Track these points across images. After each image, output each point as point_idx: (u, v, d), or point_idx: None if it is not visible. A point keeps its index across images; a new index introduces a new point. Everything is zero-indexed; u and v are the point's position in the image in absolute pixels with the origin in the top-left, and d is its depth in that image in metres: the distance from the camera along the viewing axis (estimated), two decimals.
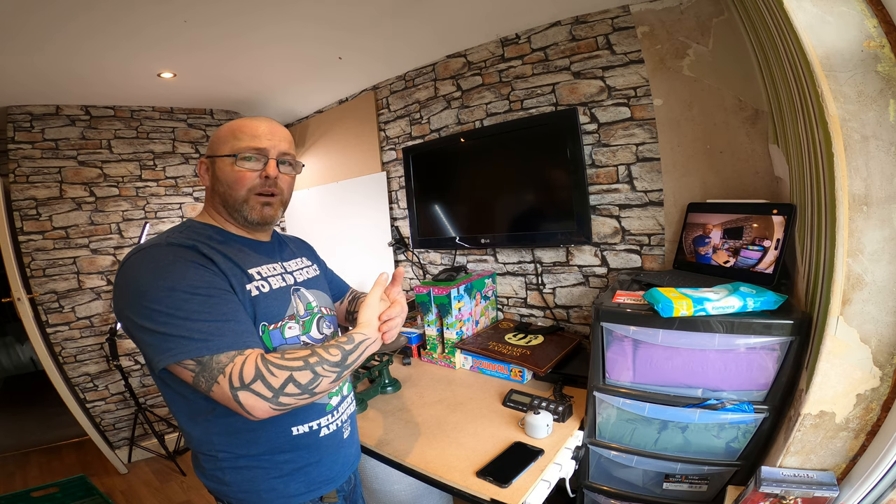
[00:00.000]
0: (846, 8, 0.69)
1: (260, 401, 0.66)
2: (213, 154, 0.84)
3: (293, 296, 0.87)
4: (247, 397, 0.66)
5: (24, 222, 2.26)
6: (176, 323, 0.66)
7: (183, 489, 2.29)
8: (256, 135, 0.82)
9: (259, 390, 0.66)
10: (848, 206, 0.71)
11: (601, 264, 1.66)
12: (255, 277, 0.81)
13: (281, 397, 0.67)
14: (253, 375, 0.66)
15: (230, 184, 0.81)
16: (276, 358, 0.69)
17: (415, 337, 1.82)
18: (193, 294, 0.68)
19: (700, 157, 1.40)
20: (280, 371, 0.67)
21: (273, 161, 0.83)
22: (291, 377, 0.67)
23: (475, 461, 1.07)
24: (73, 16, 1.43)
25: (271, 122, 0.86)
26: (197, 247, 0.75)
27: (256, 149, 0.81)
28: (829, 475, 0.81)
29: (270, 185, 0.83)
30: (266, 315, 0.79)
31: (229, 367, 0.66)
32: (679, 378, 1.04)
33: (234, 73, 2.15)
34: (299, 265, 0.96)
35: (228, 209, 0.84)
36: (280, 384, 0.66)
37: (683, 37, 1.38)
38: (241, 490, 0.80)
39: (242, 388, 0.65)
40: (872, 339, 0.74)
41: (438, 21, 1.67)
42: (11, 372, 4.22)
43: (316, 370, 0.69)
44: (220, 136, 0.84)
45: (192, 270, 0.71)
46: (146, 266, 0.70)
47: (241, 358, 0.67)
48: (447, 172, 2.01)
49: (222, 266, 0.76)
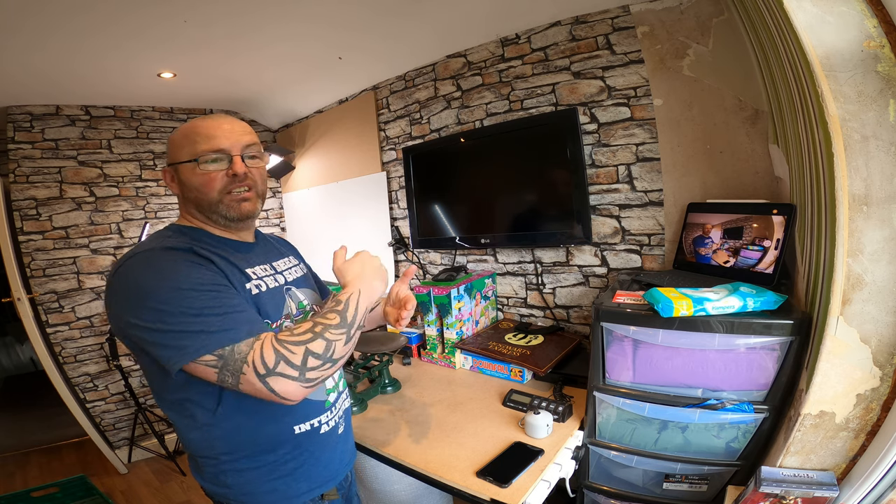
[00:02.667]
0: (846, 8, 0.69)
1: (290, 382, 0.66)
2: (173, 161, 0.81)
3: (286, 295, 0.87)
4: (276, 382, 0.65)
5: (24, 222, 2.26)
6: (189, 320, 0.65)
7: (183, 489, 2.29)
8: (214, 135, 0.79)
9: (285, 371, 0.65)
10: (848, 206, 0.71)
11: (601, 264, 1.66)
12: (252, 277, 0.81)
13: (307, 373, 0.67)
14: (274, 358, 0.65)
15: (198, 188, 0.79)
16: (287, 336, 0.68)
17: (415, 337, 1.82)
18: (201, 291, 0.68)
19: (700, 157, 1.40)
20: (296, 347, 0.67)
21: (238, 157, 0.80)
22: (308, 350, 0.67)
23: (475, 461, 1.07)
24: (73, 16, 1.43)
25: (226, 117, 0.83)
26: (193, 249, 0.74)
27: (217, 150, 0.78)
28: (829, 475, 0.81)
29: (241, 180, 0.81)
30: (266, 314, 0.79)
31: (251, 355, 0.66)
32: (679, 378, 1.04)
33: (234, 73, 2.16)
34: (287, 265, 0.96)
35: (204, 212, 0.82)
36: (301, 360, 0.66)
37: (683, 37, 1.38)
38: (242, 492, 0.80)
39: (269, 374, 0.65)
40: (872, 339, 0.74)
41: (438, 21, 1.67)
42: (11, 372, 4.21)
43: (325, 336, 0.69)
44: (175, 142, 0.81)
45: (195, 269, 0.71)
46: (146, 269, 0.69)
47: (259, 343, 0.67)
48: (447, 172, 2.01)
49: (220, 265, 0.76)
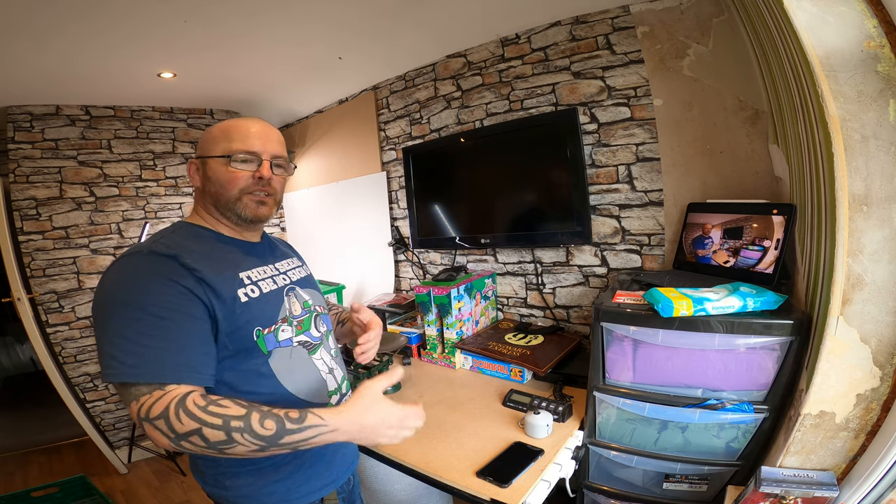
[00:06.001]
0: (846, 8, 0.69)
1: (161, 436, 0.64)
2: (204, 155, 0.83)
3: (287, 297, 0.87)
4: (149, 429, 0.64)
5: (24, 222, 2.26)
6: (117, 342, 0.66)
7: (183, 489, 2.29)
8: (249, 136, 0.81)
9: (161, 427, 0.64)
10: (848, 206, 0.71)
11: (601, 264, 1.66)
12: (246, 282, 0.80)
13: (182, 442, 0.64)
14: (158, 413, 0.63)
15: (222, 183, 0.81)
16: (195, 405, 0.64)
17: (415, 337, 1.82)
18: (145, 314, 0.67)
19: (700, 157, 1.40)
20: (189, 421, 0.63)
21: (267, 162, 0.83)
22: (199, 430, 0.63)
23: (475, 461, 1.07)
24: (77, 18, 1.43)
25: (264, 123, 0.85)
26: (179, 256, 0.73)
27: (250, 151, 0.81)
28: (829, 475, 0.81)
29: (265, 186, 0.83)
30: (259, 319, 0.79)
31: (144, 398, 0.65)
32: (679, 378, 1.04)
33: (234, 73, 2.15)
34: (291, 265, 0.96)
35: (220, 209, 0.83)
36: (184, 432, 0.63)
37: (683, 37, 1.38)
38: (241, 494, 0.80)
39: (146, 419, 0.64)
40: (872, 339, 0.74)
41: (438, 21, 1.67)
42: (11, 372, 4.21)
43: (233, 435, 0.64)
44: (211, 137, 0.83)
45: (156, 286, 0.69)
46: (116, 276, 0.71)
47: (160, 393, 0.65)
48: (447, 172, 2.01)
49: (207, 275, 0.73)
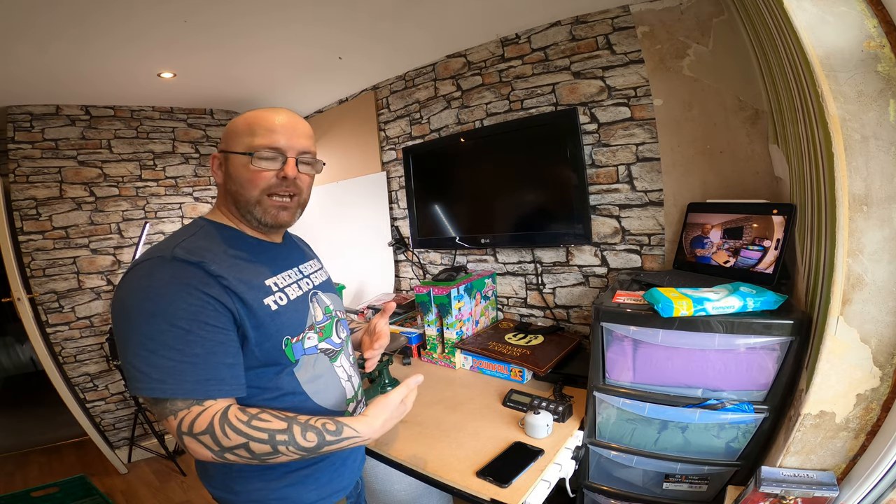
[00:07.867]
0: (846, 8, 0.69)
1: (204, 450, 0.64)
2: (227, 150, 0.78)
3: (312, 302, 0.85)
4: (191, 443, 0.64)
5: (24, 222, 2.26)
6: (143, 354, 0.64)
7: (183, 489, 2.29)
8: (274, 130, 0.75)
9: (206, 442, 0.64)
10: (848, 206, 0.71)
11: (601, 264, 1.66)
12: (273, 289, 0.78)
13: (227, 454, 0.64)
14: (204, 429, 0.63)
15: (243, 183, 0.76)
16: (238, 420, 0.65)
17: (415, 337, 1.82)
18: (171, 326, 0.65)
19: (700, 157, 1.40)
20: (236, 436, 0.64)
21: (292, 160, 0.76)
22: (247, 445, 0.64)
23: (475, 461, 1.07)
24: (80, 18, 1.43)
25: (290, 114, 0.79)
26: (204, 264, 0.69)
27: (274, 147, 0.75)
28: (829, 475, 0.81)
29: (289, 186, 0.78)
30: (288, 328, 0.77)
31: (183, 412, 0.65)
32: (679, 378, 1.04)
33: (234, 73, 2.15)
34: (313, 268, 0.93)
35: (240, 210, 0.79)
36: (231, 445, 0.64)
37: (683, 37, 1.38)
38: (251, 499, 0.79)
39: (189, 434, 0.64)
40: (872, 339, 0.74)
41: (438, 22, 1.67)
42: (11, 372, 4.21)
43: (278, 448, 0.65)
44: (235, 130, 0.77)
45: (182, 296, 0.66)
46: (140, 282, 0.68)
47: (199, 409, 0.65)
48: (447, 172, 2.01)
49: (233, 283, 0.71)
